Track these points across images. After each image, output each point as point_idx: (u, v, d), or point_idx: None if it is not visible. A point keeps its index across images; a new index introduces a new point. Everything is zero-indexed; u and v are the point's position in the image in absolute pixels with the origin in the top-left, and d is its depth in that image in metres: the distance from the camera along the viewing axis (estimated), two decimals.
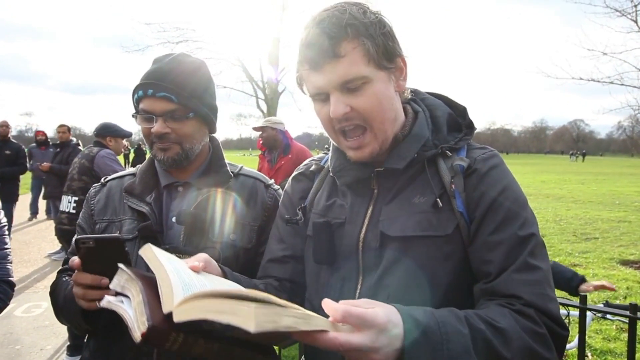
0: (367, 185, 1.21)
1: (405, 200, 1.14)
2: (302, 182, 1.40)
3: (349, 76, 1.05)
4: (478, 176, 1.12)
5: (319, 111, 1.15)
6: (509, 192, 1.10)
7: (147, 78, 1.45)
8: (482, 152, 1.18)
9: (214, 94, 1.59)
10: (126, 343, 1.41)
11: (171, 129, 1.45)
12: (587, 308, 2.12)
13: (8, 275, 1.94)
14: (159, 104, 1.43)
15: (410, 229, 1.10)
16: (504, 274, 1.02)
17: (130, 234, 1.48)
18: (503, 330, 0.91)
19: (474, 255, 1.08)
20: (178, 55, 1.52)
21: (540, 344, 0.94)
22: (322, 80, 1.08)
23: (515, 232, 1.04)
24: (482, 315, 0.93)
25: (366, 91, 1.08)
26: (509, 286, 1.00)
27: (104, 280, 1.19)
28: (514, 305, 0.98)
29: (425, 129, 1.19)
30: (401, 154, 1.16)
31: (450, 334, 0.85)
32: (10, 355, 4.31)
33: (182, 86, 1.44)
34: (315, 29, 1.06)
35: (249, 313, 0.65)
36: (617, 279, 6.68)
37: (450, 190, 1.11)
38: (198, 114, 1.48)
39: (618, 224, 11.40)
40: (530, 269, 1.01)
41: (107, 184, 1.64)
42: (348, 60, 1.05)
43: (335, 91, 1.07)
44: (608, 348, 4.45)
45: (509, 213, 1.07)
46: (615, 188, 21.48)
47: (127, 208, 1.53)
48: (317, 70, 1.07)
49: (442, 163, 1.16)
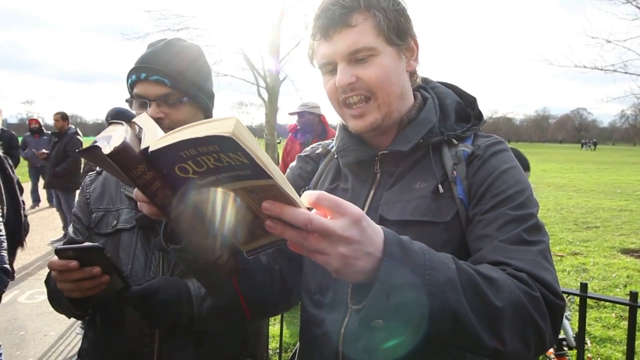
0: (370, 169, 1.20)
1: (406, 185, 1.14)
2: (308, 164, 1.39)
3: (357, 46, 1.06)
4: (480, 161, 1.11)
5: (325, 83, 1.15)
6: (508, 175, 1.07)
7: (141, 62, 1.43)
8: (486, 139, 1.18)
9: (210, 80, 1.56)
10: (126, 334, 1.43)
11: (165, 114, 1.42)
12: (588, 296, 2.13)
13: (3, 262, 1.94)
14: (152, 88, 1.41)
15: (408, 213, 1.10)
16: (495, 242, 0.98)
17: (127, 224, 1.46)
18: (493, 280, 0.86)
19: (470, 235, 1.06)
20: (172, 40, 1.50)
21: (534, 307, 0.87)
22: (331, 50, 1.09)
23: (511, 211, 1.01)
24: (472, 266, 0.88)
25: (373, 63, 1.08)
26: (498, 253, 0.95)
27: (95, 269, 1.19)
28: (505, 269, 0.92)
29: (433, 115, 1.19)
30: (406, 137, 1.15)
31: (435, 262, 0.81)
32: (15, 341, 4.35)
33: (176, 70, 1.42)
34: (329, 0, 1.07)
35: (230, 122, 0.63)
36: (618, 267, 6.70)
37: (451, 177, 1.11)
38: (193, 99, 1.46)
39: (619, 212, 11.40)
40: (523, 243, 0.97)
41: (102, 172, 1.62)
42: (358, 31, 1.06)
43: (342, 61, 1.08)
44: (607, 335, 4.48)
45: (507, 194, 1.04)
46: (617, 177, 21.45)
47: (124, 197, 1.51)
48: (327, 39, 1.09)
49: (447, 150, 1.15)
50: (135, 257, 1.44)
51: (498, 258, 0.95)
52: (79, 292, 1.24)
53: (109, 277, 1.23)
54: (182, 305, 1.32)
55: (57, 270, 1.19)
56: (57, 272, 1.20)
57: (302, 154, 1.43)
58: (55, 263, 1.19)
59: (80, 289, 1.22)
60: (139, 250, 1.44)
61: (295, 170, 1.40)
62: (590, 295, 2.16)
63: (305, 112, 5.17)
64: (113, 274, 1.23)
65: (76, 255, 1.17)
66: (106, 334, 1.48)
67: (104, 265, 1.20)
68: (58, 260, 1.18)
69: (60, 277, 1.20)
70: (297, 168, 1.40)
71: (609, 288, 5.81)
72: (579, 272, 6.50)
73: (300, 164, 1.41)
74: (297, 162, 1.42)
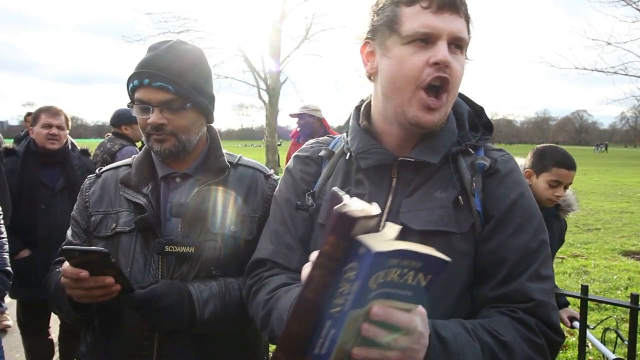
0: (386, 174, 1.17)
1: (426, 193, 1.13)
2: (310, 166, 1.33)
3: (462, 34, 1.06)
4: (499, 177, 1.14)
5: (408, 56, 1.06)
6: (526, 197, 1.13)
7: (143, 67, 1.40)
8: (501, 154, 1.20)
9: (211, 83, 1.55)
10: (125, 337, 1.42)
11: (167, 120, 1.40)
12: (589, 298, 2.13)
13: (5, 265, 1.94)
14: (155, 94, 1.38)
15: (432, 222, 1.09)
16: (517, 281, 1.04)
17: (127, 227, 1.45)
18: (506, 344, 0.96)
19: (487, 256, 1.09)
20: (174, 43, 1.47)
21: (537, 352, 1.00)
22: (441, 24, 1.04)
23: (530, 239, 1.08)
24: (486, 327, 0.97)
25: (461, 59, 1.09)
26: (524, 292, 1.03)
27: (108, 279, 1.20)
28: (516, 313, 1.01)
29: (454, 125, 1.19)
30: (434, 147, 1.13)
31: (465, 346, 0.89)
32: (15, 343, 4.33)
33: (180, 75, 1.40)
34: None
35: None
36: (619, 269, 6.69)
37: (470, 189, 1.12)
38: (195, 105, 1.44)
39: (620, 214, 11.39)
40: (541, 279, 1.05)
41: (102, 175, 1.60)
42: (463, 23, 1.07)
43: (446, 40, 1.05)
44: (609, 338, 4.46)
45: (526, 217, 1.10)
46: (618, 179, 21.42)
47: (123, 200, 1.49)
48: (438, 13, 1.04)
49: (463, 160, 1.15)
50: (134, 260, 1.43)
51: (524, 297, 1.03)
52: (90, 299, 1.25)
53: (120, 287, 1.24)
54: (185, 310, 1.32)
55: (69, 278, 1.20)
56: (70, 279, 1.21)
57: (301, 154, 1.36)
58: (68, 271, 1.19)
59: (91, 295, 1.23)
60: (138, 253, 1.43)
61: (297, 173, 1.33)
62: (591, 297, 2.16)
63: (305, 115, 5.15)
64: (117, 278, 1.23)
65: (81, 257, 1.18)
66: (104, 336, 1.47)
67: (109, 268, 1.20)
68: (70, 267, 1.19)
69: (72, 284, 1.22)
70: (299, 170, 1.33)
71: (610, 290, 5.80)
72: (579, 274, 6.49)
73: (301, 165, 1.34)
74: (297, 163, 1.35)
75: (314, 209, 1.23)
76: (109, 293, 1.23)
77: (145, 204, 1.44)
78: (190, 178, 1.51)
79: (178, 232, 1.44)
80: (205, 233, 1.45)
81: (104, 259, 1.18)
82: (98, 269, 1.20)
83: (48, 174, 3.35)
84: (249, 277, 1.29)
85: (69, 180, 3.34)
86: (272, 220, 1.32)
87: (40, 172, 3.34)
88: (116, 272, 1.22)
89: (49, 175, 3.35)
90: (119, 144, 4.31)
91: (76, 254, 1.17)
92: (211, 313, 1.35)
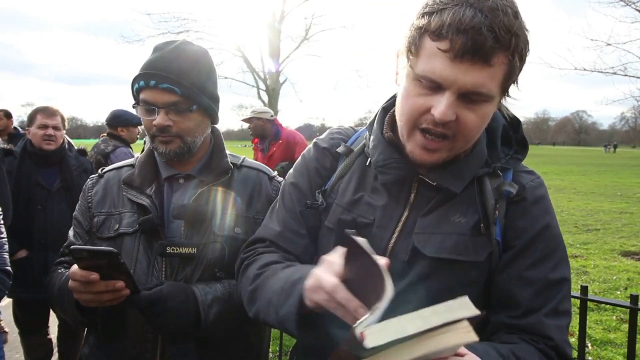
0: (405, 188, 1.10)
1: (443, 216, 1.06)
2: (326, 159, 1.25)
3: (482, 89, 0.91)
4: (525, 207, 1.06)
5: (413, 95, 0.96)
6: (551, 228, 1.07)
7: (149, 68, 1.39)
8: (530, 178, 1.10)
9: (216, 84, 1.54)
10: (128, 339, 1.40)
11: (173, 121, 1.40)
12: (588, 299, 2.12)
13: (5, 265, 1.94)
14: (161, 95, 1.38)
15: (446, 250, 1.03)
16: (534, 315, 1.01)
17: (130, 228, 1.44)
18: None
19: (503, 286, 1.04)
20: (180, 44, 1.46)
21: None
22: (453, 75, 0.89)
23: (550, 272, 1.04)
24: (517, 354, 0.94)
25: (480, 110, 0.95)
26: (541, 329, 1.00)
27: (119, 283, 1.20)
28: (538, 343, 0.99)
29: (484, 146, 1.09)
30: (461, 174, 1.05)
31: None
32: (14, 344, 4.33)
33: (186, 77, 1.39)
34: (484, 17, 0.86)
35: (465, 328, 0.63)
36: (618, 270, 6.68)
37: (492, 216, 1.04)
38: (201, 106, 1.43)
39: (619, 215, 11.39)
40: (559, 315, 1.02)
41: (104, 175, 1.59)
42: (492, 73, 0.90)
43: (455, 93, 0.91)
44: (608, 339, 4.46)
45: (547, 250, 1.05)
46: (617, 179, 21.43)
47: (126, 200, 1.48)
48: (456, 61, 0.88)
49: (488, 183, 1.06)
50: (137, 261, 1.42)
51: (540, 333, 1.00)
52: (97, 303, 1.23)
53: (129, 292, 1.23)
54: (190, 312, 1.31)
55: (78, 281, 1.19)
56: (79, 283, 1.19)
57: (320, 144, 1.28)
58: (77, 274, 1.18)
59: (99, 300, 1.22)
60: (142, 255, 1.42)
61: (312, 163, 1.26)
62: (591, 298, 2.15)
63: (253, 118, 5.38)
64: (124, 279, 1.22)
65: (90, 257, 1.16)
66: (107, 338, 1.46)
67: (117, 268, 1.18)
68: (80, 270, 1.18)
69: (81, 288, 1.20)
70: (315, 160, 1.26)
71: (609, 291, 5.79)
72: (579, 274, 6.49)
73: (318, 154, 1.27)
74: (315, 151, 1.28)
75: (323, 207, 1.19)
76: (118, 297, 1.23)
77: (149, 205, 1.43)
78: (194, 179, 1.50)
79: (181, 234, 1.43)
80: (208, 235, 1.44)
81: (113, 260, 1.16)
82: (105, 271, 1.18)
83: (45, 175, 3.34)
84: (244, 251, 1.27)
85: (66, 180, 3.33)
86: (280, 203, 1.28)
87: (37, 172, 3.33)
88: (124, 273, 1.20)
89: (46, 176, 3.34)
90: (112, 145, 4.33)
91: (85, 254, 1.15)
92: (215, 316, 1.35)
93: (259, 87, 16.46)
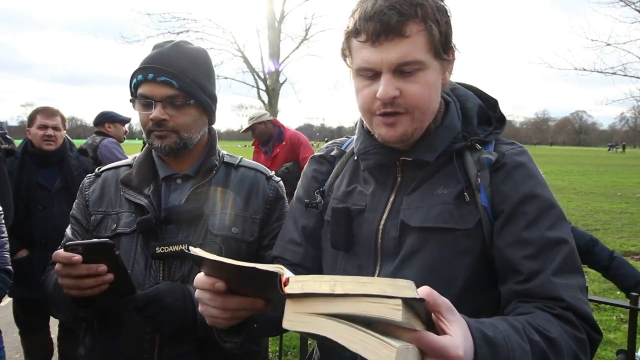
0: (391, 173, 1.18)
1: (428, 190, 1.12)
2: (323, 165, 1.36)
3: (408, 58, 1.00)
4: (506, 171, 1.09)
5: (360, 88, 1.08)
6: (538, 190, 1.07)
7: (148, 62, 1.40)
8: (510, 147, 1.16)
9: (214, 84, 1.54)
10: (125, 340, 1.40)
11: (169, 115, 1.39)
12: (588, 299, 2.12)
13: (6, 264, 1.94)
14: (159, 88, 1.38)
15: (431, 219, 1.08)
16: (541, 276, 0.99)
17: (127, 228, 1.44)
18: (555, 341, 0.90)
19: (501, 252, 1.05)
20: (179, 42, 1.48)
21: (582, 350, 0.94)
22: (378, 57, 1.01)
23: (547, 232, 1.02)
24: (533, 324, 0.91)
25: (419, 78, 1.03)
26: (550, 289, 0.98)
27: (101, 267, 1.17)
28: (554, 309, 0.96)
29: (456, 121, 1.15)
30: (432, 145, 1.12)
31: (516, 350, 0.83)
32: (14, 344, 4.33)
33: (184, 72, 1.40)
34: (383, 0, 0.99)
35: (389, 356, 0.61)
36: None
37: (475, 184, 1.08)
38: (198, 102, 1.44)
39: (619, 215, 11.39)
40: (566, 274, 1.00)
41: (101, 175, 1.58)
42: (411, 42, 1.00)
43: (388, 72, 1.01)
44: (608, 339, 4.46)
45: (540, 211, 1.04)
46: (617, 179, 21.43)
47: (123, 200, 1.48)
48: (375, 45, 1.00)
49: (469, 156, 1.13)
50: (135, 261, 1.41)
51: (550, 295, 0.97)
52: (77, 291, 1.20)
53: (113, 277, 1.20)
54: (187, 311, 1.31)
55: (61, 263, 1.16)
56: (61, 265, 1.16)
57: (317, 154, 1.40)
58: (59, 254, 1.16)
59: (80, 286, 1.18)
60: (139, 255, 1.42)
61: (310, 172, 1.38)
62: (591, 298, 2.16)
63: (255, 125, 5.27)
64: (119, 275, 1.21)
65: (85, 252, 1.15)
66: (104, 339, 1.45)
67: (112, 263, 1.18)
68: (62, 252, 1.16)
69: (63, 270, 1.17)
70: (312, 170, 1.38)
71: (609, 291, 5.79)
72: None
73: (315, 165, 1.38)
74: (311, 163, 1.40)
75: (322, 205, 1.28)
76: (100, 284, 1.19)
77: (147, 205, 1.42)
78: (191, 179, 1.50)
79: (177, 235, 1.42)
80: (205, 235, 1.44)
81: (109, 252, 1.15)
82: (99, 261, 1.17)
83: (45, 175, 3.35)
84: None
85: (66, 180, 3.34)
86: (286, 218, 1.41)
87: (37, 172, 3.34)
88: (120, 267, 1.20)
89: (46, 176, 3.35)
90: (100, 138, 4.39)
91: (80, 249, 1.15)
92: None
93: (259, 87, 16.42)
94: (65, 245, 1.16)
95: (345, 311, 0.65)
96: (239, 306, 0.92)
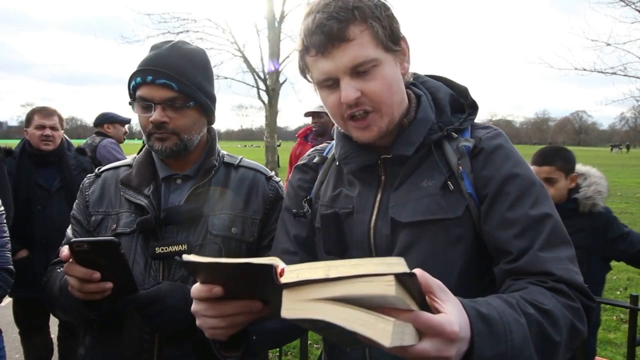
0: (375, 172, 1.19)
1: (413, 184, 1.14)
2: (306, 174, 1.38)
3: (359, 59, 1.04)
4: (485, 155, 1.12)
5: (326, 98, 1.12)
6: (518, 171, 1.09)
7: (146, 64, 1.39)
8: (486, 131, 1.18)
9: (213, 84, 1.54)
10: (125, 341, 1.39)
11: (169, 118, 1.39)
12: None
13: (7, 263, 1.94)
14: (158, 91, 1.37)
15: (420, 213, 1.10)
16: (530, 253, 1.01)
17: (127, 228, 1.43)
18: (550, 312, 0.91)
19: (490, 235, 1.07)
20: (177, 42, 1.47)
21: (578, 318, 0.96)
22: (331, 66, 1.05)
23: (530, 210, 1.04)
24: (527, 298, 0.91)
25: (376, 74, 1.06)
26: (538, 264, 0.99)
27: (95, 274, 1.16)
28: (546, 283, 0.97)
29: (430, 113, 1.18)
30: (408, 139, 1.14)
31: (512, 324, 0.83)
32: (14, 344, 4.33)
33: (183, 74, 1.39)
34: (321, 13, 1.04)
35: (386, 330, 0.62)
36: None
37: (457, 172, 1.11)
38: (198, 103, 1.43)
39: (619, 215, 11.28)
40: (553, 247, 1.01)
41: (101, 175, 1.58)
42: (357, 44, 1.04)
43: (345, 76, 1.06)
44: (608, 339, 4.46)
45: (521, 191, 1.06)
46: (617, 180, 21.42)
47: (123, 200, 1.48)
48: (326, 55, 1.05)
49: (448, 145, 1.15)
50: (135, 262, 1.41)
51: (539, 270, 0.99)
52: (82, 294, 1.20)
53: (112, 285, 1.20)
54: (188, 312, 1.30)
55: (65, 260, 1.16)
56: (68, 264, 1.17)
57: (300, 162, 1.41)
58: (65, 252, 1.16)
59: (81, 290, 1.19)
60: (139, 255, 1.42)
61: (295, 182, 1.38)
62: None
63: (323, 113, 4.91)
64: (124, 274, 1.21)
65: (90, 249, 1.14)
66: (104, 339, 1.45)
67: (117, 261, 1.17)
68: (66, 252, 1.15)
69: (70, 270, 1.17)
70: (297, 180, 1.38)
71: (609, 291, 5.79)
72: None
73: (299, 174, 1.39)
74: (295, 173, 1.40)
75: (310, 214, 1.29)
76: (101, 291, 1.19)
77: (147, 205, 1.42)
78: (191, 179, 1.50)
79: (177, 235, 1.42)
80: (205, 235, 1.44)
81: (114, 250, 1.15)
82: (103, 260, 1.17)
83: (44, 175, 3.34)
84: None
85: (65, 180, 3.34)
86: (277, 230, 1.39)
87: (36, 173, 3.33)
88: (124, 266, 1.19)
89: (45, 176, 3.34)
90: (99, 139, 4.40)
91: (85, 246, 1.14)
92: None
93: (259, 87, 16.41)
94: (71, 242, 1.15)
95: (341, 293, 0.66)
96: (236, 310, 0.90)
